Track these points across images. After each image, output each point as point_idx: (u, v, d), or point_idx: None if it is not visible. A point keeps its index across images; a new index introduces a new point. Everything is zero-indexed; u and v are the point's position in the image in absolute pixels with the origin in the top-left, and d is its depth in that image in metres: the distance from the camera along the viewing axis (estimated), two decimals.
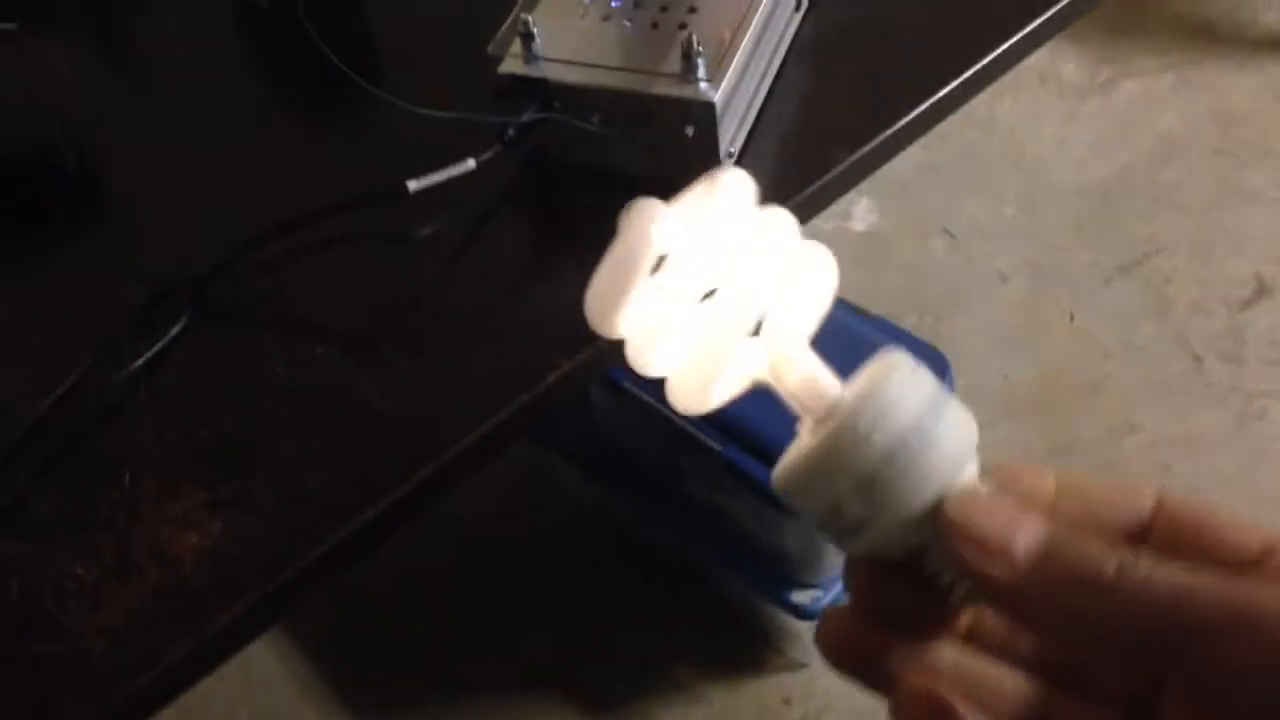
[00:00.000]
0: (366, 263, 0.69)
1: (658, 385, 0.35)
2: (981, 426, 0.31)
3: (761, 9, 0.71)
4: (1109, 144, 1.78)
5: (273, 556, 0.57)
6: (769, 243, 0.34)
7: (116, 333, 0.65)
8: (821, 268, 0.35)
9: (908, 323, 1.55)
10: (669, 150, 0.68)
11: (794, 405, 0.33)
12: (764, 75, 0.74)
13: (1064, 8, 0.79)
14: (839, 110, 0.75)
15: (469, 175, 0.67)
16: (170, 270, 0.68)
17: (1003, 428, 1.47)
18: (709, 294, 0.34)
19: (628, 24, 0.71)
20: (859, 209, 1.71)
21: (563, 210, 0.72)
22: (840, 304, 1.16)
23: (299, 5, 0.77)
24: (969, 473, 0.31)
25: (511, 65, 0.69)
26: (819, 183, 0.71)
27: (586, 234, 0.69)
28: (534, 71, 0.68)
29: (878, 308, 1.58)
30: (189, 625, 0.55)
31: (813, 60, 0.78)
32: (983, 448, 0.31)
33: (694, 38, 0.66)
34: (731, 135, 0.70)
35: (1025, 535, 0.28)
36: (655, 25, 0.70)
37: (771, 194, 0.68)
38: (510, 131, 0.68)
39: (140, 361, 0.64)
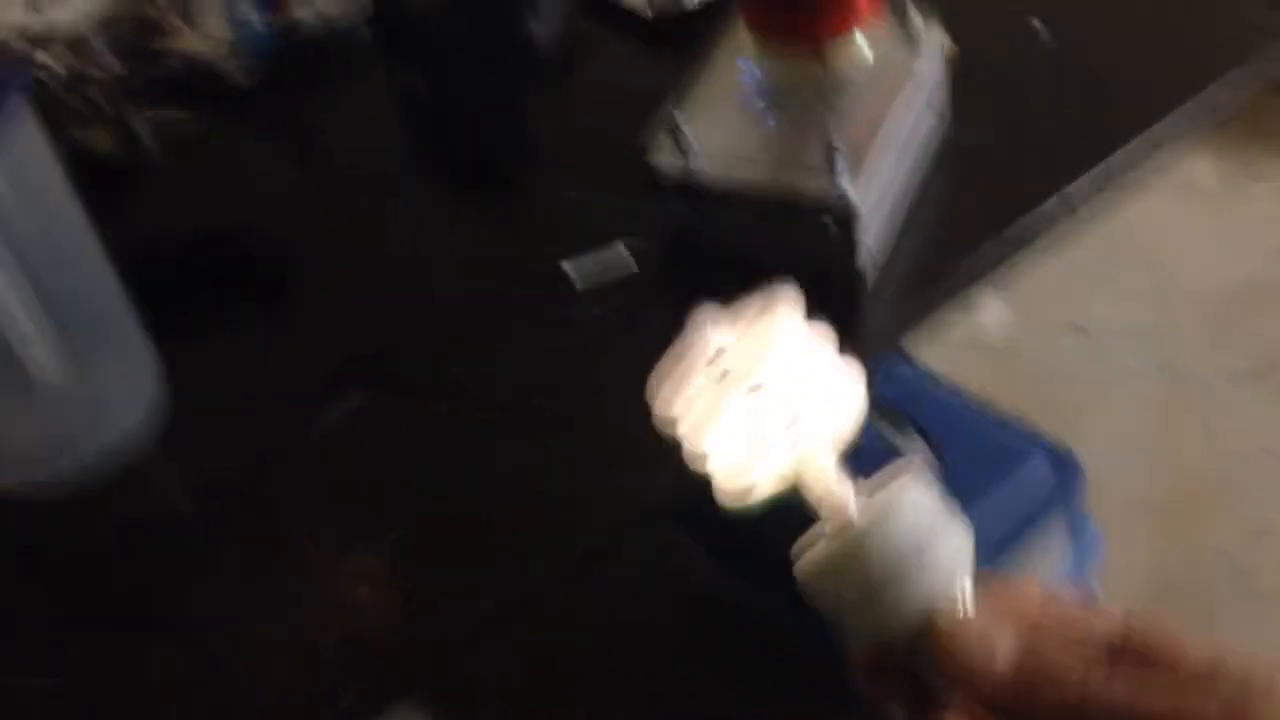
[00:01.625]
0: (524, 340, 0.72)
1: None
2: (1112, 528, 0.33)
3: (901, 113, 0.73)
4: (1243, 246, 1.74)
5: (430, 620, 0.60)
6: (810, 355, 0.38)
7: (303, 399, 0.70)
8: (853, 385, 0.38)
9: (1039, 422, 1.53)
10: (810, 243, 0.70)
11: (817, 508, 0.36)
12: (904, 178, 0.76)
13: (1192, 111, 0.80)
14: (973, 213, 0.77)
15: (621, 260, 0.70)
16: (353, 344, 0.72)
17: (1135, 530, 1.43)
18: (755, 389, 0.37)
19: (771, 121, 0.73)
20: (990, 306, 1.71)
21: (707, 297, 0.74)
22: (970, 401, 1.16)
23: (465, 100, 0.82)
24: (963, 584, 0.34)
25: (662, 160, 0.72)
26: (952, 280, 0.72)
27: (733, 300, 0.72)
28: (682, 164, 0.71)
29: (1008, 406, 1.57)
30: (361, 674, 0.57)
31: (950, 166, 0.80)
32: (1114, 550, 0.32)
33: (836, 137, 0.68)
34: (873, 232, 0.72)
35: (1004, 650, 0.32)
36: (800, 126, 0.73)
37: (908, 291, 0.71)
38: (659, 220, 0.71)
39: (322, 427, 0.68)
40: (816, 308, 0.68)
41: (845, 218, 0.68)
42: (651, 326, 0.71)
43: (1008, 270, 0.76)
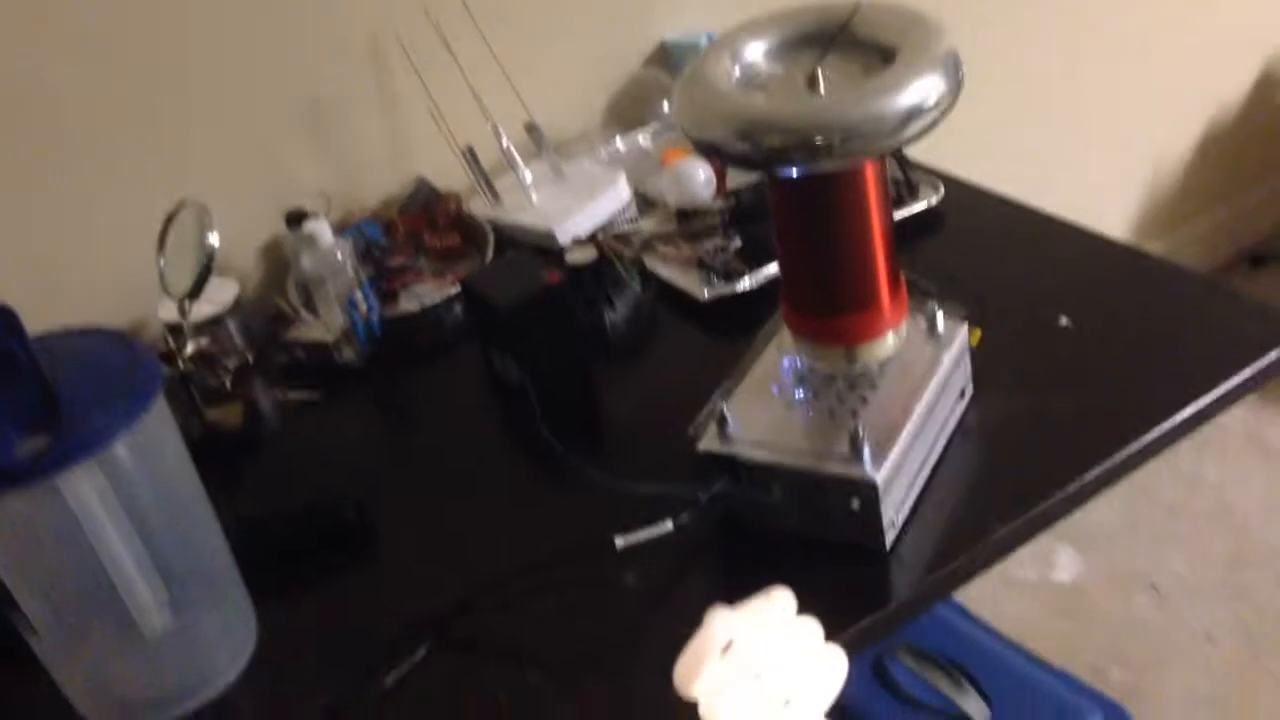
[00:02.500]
0: (578, 606, 0.79)
1: None
2: None
3: (925, 400, 0.81)
4: None
5: None
6: (803, 642, 0.45)
7: (373, 653, 0.77)
8: (838, 666, 0.45)
9: (1110, 678, 1.51)
10: (839, 520, 0.77)
11: None
12: (928, 455, 0.83)
13: (1212, 405, 0.86)
14: (996, 486, 0.82)
15: (667, 534, 0.77)
16: (420, 606, 0.80)
17: None
18: (757, 676, 0.44)
19: (809, 412, 0.81)
20: (1062, 558, 1.72)
21: (747, 566, 0.81)
22: (1028, 655, 1.18)
23: (530, 390, 0.92)
24: None
25: (708, 444, 0.80)
26: (970, 554, 0.77)
27: (767, 583, 0.78)
28: (726, 449, 0.79)
29: (1078, 659, 1.56)
30: None
31: (973, 441, 0.86)
32: None
33: (861, 426, 0.76)
34: (896, 507, 0.78)
35: None
36: (831, 413, 0.81)
37: (934, 558, 0.76)
38: (703, 499, 0.78)
39: (389, 682, 0.75)
40: (843, 570, 0.75)
41: (868, 496, 0.75)
42: (693, 592, 0.79)
43: (1026, 541, 0.81)
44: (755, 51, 0.77)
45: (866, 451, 0.75)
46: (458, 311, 1.14)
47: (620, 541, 0.76)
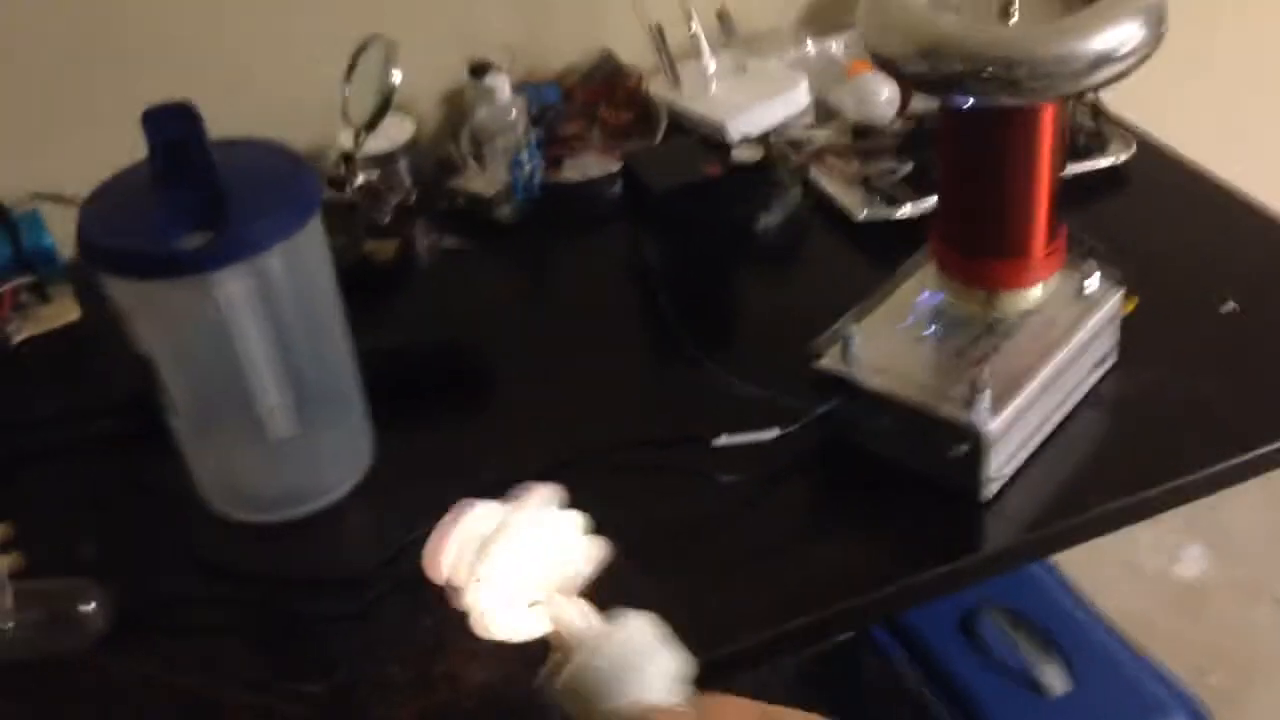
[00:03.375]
0: (672, 490, 0.81)
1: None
2: None
3: (1058, 359, 0.79)
4: None
5: None
6: (557, 530, 0.51)
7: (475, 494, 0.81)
8: (596, 552, 0.52)
9: (1209, 681, 1.47)
10: (944, 462, 0.77)
11: (563, 639, 0.48)
12: (1051, 415, 0.82)
13: None
14: (1110, 462, 0.81)
15: (772, 442, 0.79)
16: (522, 459, 0.83)
17: None
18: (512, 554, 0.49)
19: (938, 350, 0.81)
20: (1191, 554, 1.66)
21: (844, 487, 0.82)
22: (1126, 642, 1.16)
23: (666, 276, 0.93)
24: (671, 693, 0.45)
25: (829, 362, 0.81)
26: (1068, 522, 0.77)
27: (859, 509, 0.79)
28: (846, 370, 0.80)
29: (1182, 658, 1.52)
30: None
31: (1105, 411, 0.84)
32: None
33: (986, 372, 0.75)
34: (1003, 461, 0.77)
35: None
36: (960, 354, 0.80)
37: (1031, 520, 0.76)
38: (815, 414, 0.79)
39: None
40: (938, 512, 0.75)
41: (975, 444, 0.75)
42: (787, 501, 0.80)
43: (1207, 523, 0.80)
44: None
45: (984, 400, 0.74)
46: (617, 188, 1.15)
47: (721, 440, 0.78)
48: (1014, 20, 0.71)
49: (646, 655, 0.46)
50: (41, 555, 0.81)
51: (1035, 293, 0.81)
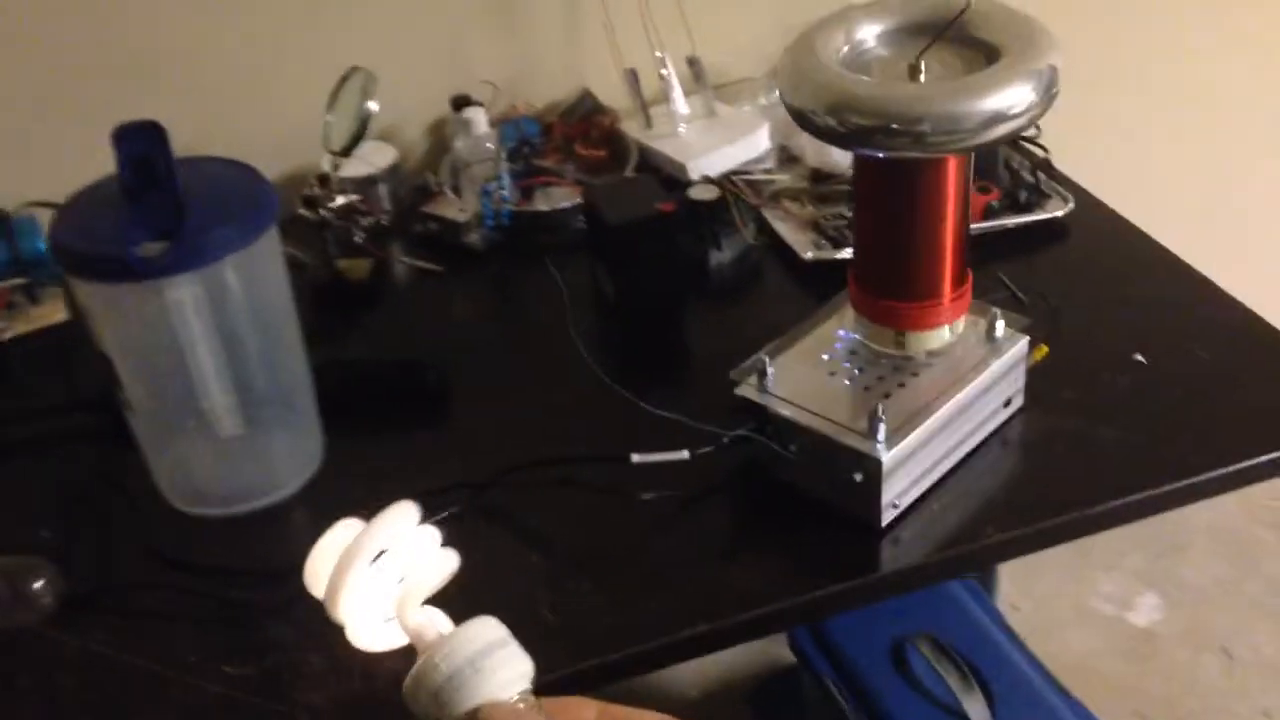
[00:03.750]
0: (590, 505, 0.87)
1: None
2: None
3: (959, 397, 0.84)
4: None
5: None
6: (416, 543, 0.53)
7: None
8: (450, 561, 0.54)
9: None
10: (844, 489, 0.82)
11: (415, 646, 0.50)
12: (952, 451, 0.87)
13: (1248, 470, 0.86)
14: (1006, 496, 0.86)
15: (684, 463, 0.84)
16: (466, 470, 0.89)
17: None
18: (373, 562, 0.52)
19: (846, 382, 0.86)
20: (1145, 602, 1.70)
21: (753, 509, 0.87)
22: (1053, 680, 1.20)
23: (637, 300, 0.99)
24: (512, 692, 0.47)
25: (744, 390, 0.86)
26: (959, 550, 0.82)
27: (765, 530, 0.84)
28: (759, 398, 0.85)
29: (1126, 703, 1.56)
30: None
31: (1009, 450, 0.89)
32: None
33: (884, 406, 0.80)
34: (900, 490, 0.82)
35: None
36: (867, 390, 0.85)
37: (926, 547, 0.80)
38: (725, 440, 0.85)
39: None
40: (837, 535, 0.80)
41: (871, 471, 0.80)
42: (696, 519, 0.85)
43: (1163, 572, 0.85)
44: (869, 31, 0.81)
45: (881, 430, 0.80)
46: (581, 220, 1.22)
47: (636, 458, 0.83)
48: (921, 79, 0.77)
49: (486, 655, 0.48)
50: (3, 537, 0.87)
51: (943, 334, 0.87)
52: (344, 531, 0.52)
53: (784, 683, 1.33)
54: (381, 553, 0.53)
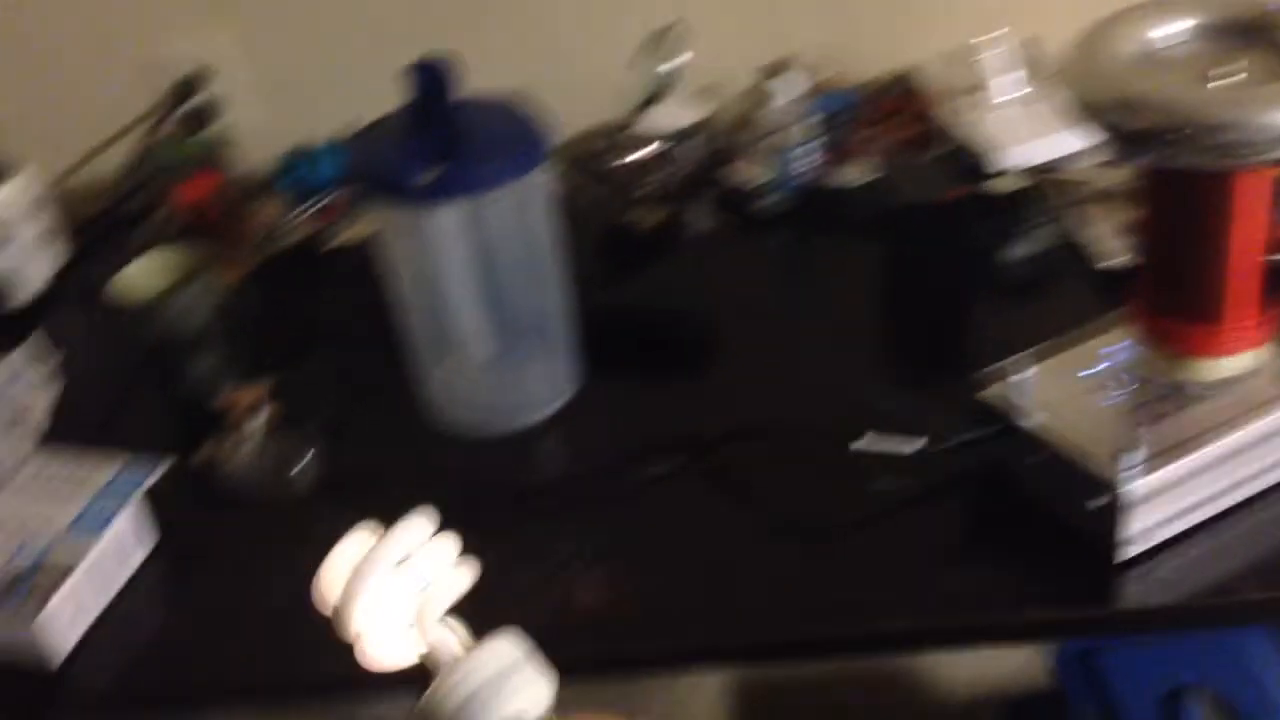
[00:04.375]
0: (811, 482, 0.86)
1: None
2: None
3: (1236, 438, 0.76)
4: None
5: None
6: (436, 553, 0.50)
7: (651, 448, 0.90)
8: (465, 576, 0.50)
9: None
10: (1082, 512, 0.76)
11: (431, 662, 0.48)
12: (1222, 495, 0.78)
13: None
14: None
15: (914, 457, 0.81)
16: (705, 425, 0.90)
17: None
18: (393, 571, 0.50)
19: (1107, 403, 0.80)
20: None
21: (977, 516, 0.83)
22: None
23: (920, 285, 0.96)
24: (536, 710, 0.45)
25: (992, 394, 0.82)
26: (1206, 602, 0.75)
27: (988, 540, 0.80)
28: (1005, 405, 0.81)
29: None
30: None
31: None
32: None
33: (1143, 432, 0.74)
34: (1149, 525, 0.76)
35: None
36: (1133, 411, 0.79)
37: (1162, 590, 0.74)
38: (960, 440, 0.81)
39: (643, 474, 0.88)
40: (1072, 560, 0.75)
41: (1112, 503, 0.74)
42: (915, 517, 0.82)
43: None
44: (1170, 27, 0.74)
45: (1134, 458, 0.73)
46: (873, 193, 1.19)
47: (859, 443, 0.81)
48: (1222, 84, 0.69)
49: (508, 676, 0.46)
50: (291, 418, 0.97)
51: (1232, 363, 0.79)
52: (358, 544, 0.50)
53: (1048, 705, 1.26)
54: (402, 561, 0.51)
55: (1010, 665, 1.57)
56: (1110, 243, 1.06)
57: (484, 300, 0.86)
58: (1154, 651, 1.05)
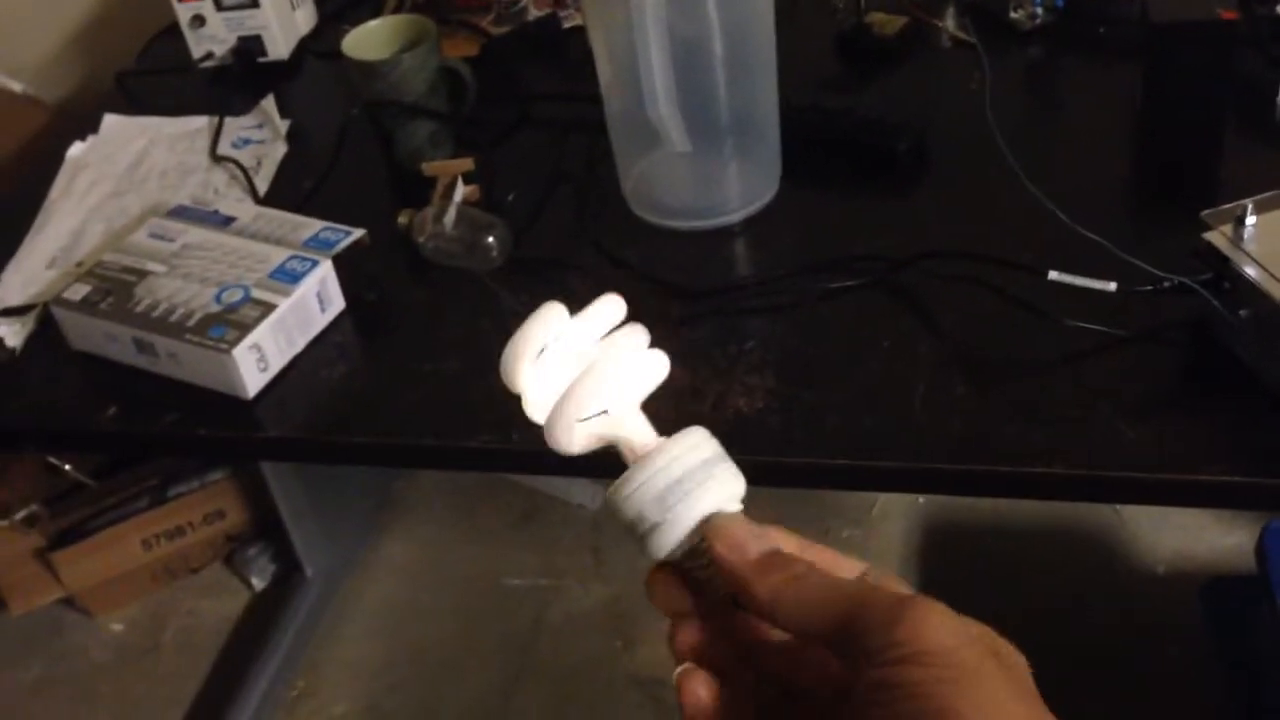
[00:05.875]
0: (997, 312, 0.84)
1: None
2: None
3: None
4: None
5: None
6: (628, 340, 0.47)
7: (836, 261, 0.90)
8: (658, 365, 0.48)
9: None
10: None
11: (626, 449, 0.46)
12: None
13: None
14: None
15: (1111, 298, 0.77)
16: (898, 245, 0.89)
17: None
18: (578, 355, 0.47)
19: None
20: None
21: (1174, 367, 0.79)
22: None
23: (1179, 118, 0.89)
24: (734, 506, 0.44)
25: (1215, 237, 0.76)
26: None
27: (1183, 395, 0.76)
28: (1227, 249, 0.75)
29: None
30: None
31: None
32: None
33: None
34: None
35: (758, 545, 0.42)
36: None
37: None
38: (1166, 284, 0.76)
39: (825, 288, 0.88)
40: (1270, 428, 0.71)
41: None
42: (1106, 358, 0.78)
43: None
44: None
45: None
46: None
47: (1054, 275, 0.78)
48: None
49: (715, 464, 0.45)
50: (493, 195, 1.02)
51: None
52: (549, 318, 0.48)
53: (1249, 587, 1.21)
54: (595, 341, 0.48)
55: (1217, 545, 1.50)
56: None
57: (686, 91, 0.86)
58: None
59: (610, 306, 0.48)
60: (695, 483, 0.44)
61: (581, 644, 1.56)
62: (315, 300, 0.89)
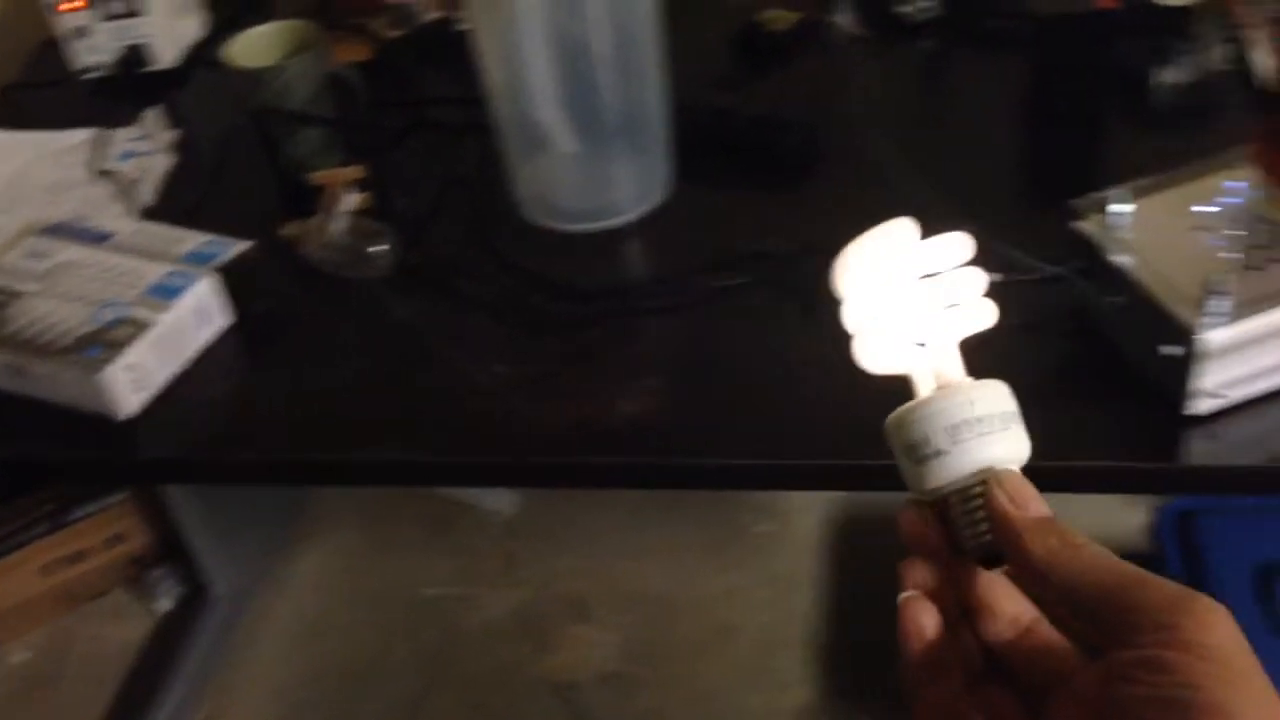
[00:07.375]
0: None
1: None
2: None
3: None
4: None
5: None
6: (965, 282, 0.48)
7: (728, 260, 0.92)
8: (988, 313, 0.48)
9: None
10: (1161, 359, 0.75)
11: (923, 381, 0.47)
12: None
13: None
14: None
15: (993, 284, 0.80)
16: (789, 237, 0.91)
17: None
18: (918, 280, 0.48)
19: (1211, 244, 0.77)
20: None
21: (1052, 355, 0.82)
22: None
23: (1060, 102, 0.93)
24: (1016, 467, 0.45)
25: (1086, 225, 0.80)
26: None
27: (1060, 381, 0.80)
28: (1097, 238, 0.79)
29: None
30: None
31: None
32: None
33: (1235, 280, 0.71)
34: (1229, 380, 0.74)
35: (1039, 506, 0.43)
36: (1239, 262, 0.76)
37: (1234, 450, 0.73)
38: (1043, 274, 0.80)
39: (711, 284, 0.90)
40: (1147, 410, 0.74)
41: (1185, 350, 0.72)
42: (987, 343, 0.81)
43: None
44: None
45: (1217, 305, 0.71)
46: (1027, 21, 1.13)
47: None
48: None
49: (1014, 420, 0.45)
50: (382, 203, 1.03)
51: None
52: (896, 236, 0.48)
53: (1143, 565, 1.25)
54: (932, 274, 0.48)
55: (1113, 524, 1.56)
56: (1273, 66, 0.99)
57: (571, 91, 0.88)
58: (1256, 523, 1.02)
59: (959, 244, 0.48)
60: (992, 428, 0.44)
61: (494, 651, 1.58)
62: (196, 315, 0.90)
